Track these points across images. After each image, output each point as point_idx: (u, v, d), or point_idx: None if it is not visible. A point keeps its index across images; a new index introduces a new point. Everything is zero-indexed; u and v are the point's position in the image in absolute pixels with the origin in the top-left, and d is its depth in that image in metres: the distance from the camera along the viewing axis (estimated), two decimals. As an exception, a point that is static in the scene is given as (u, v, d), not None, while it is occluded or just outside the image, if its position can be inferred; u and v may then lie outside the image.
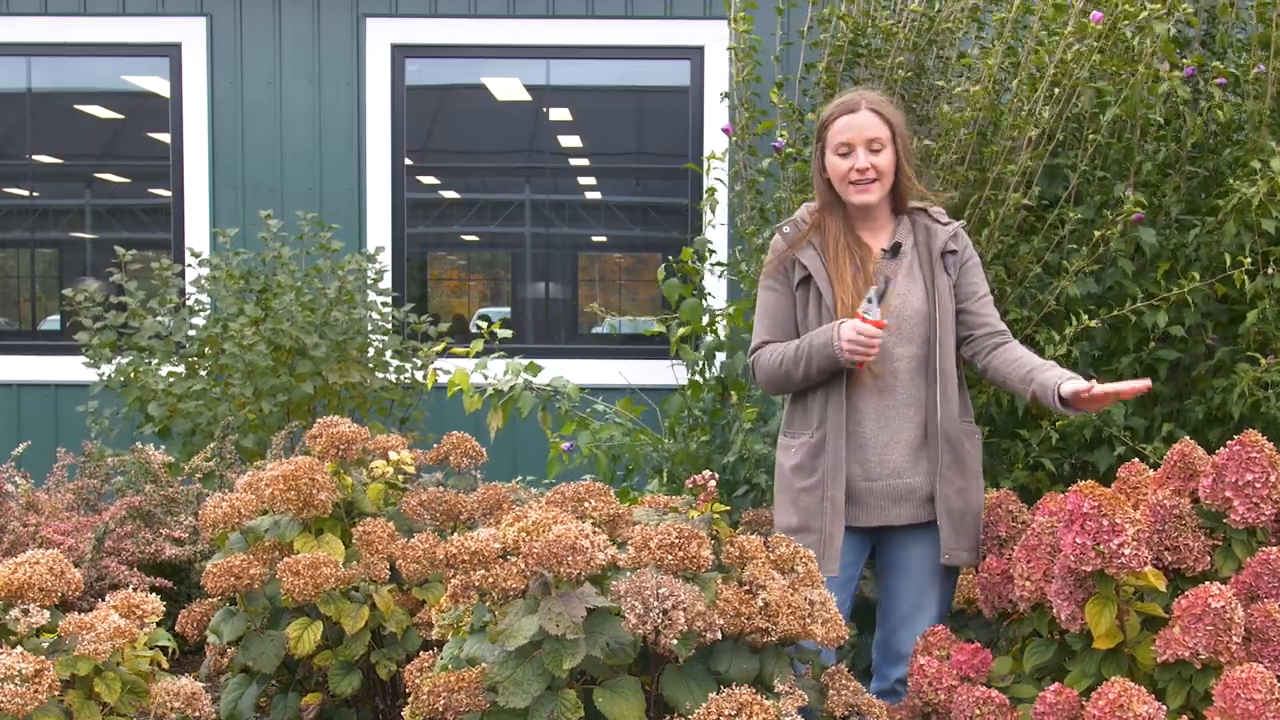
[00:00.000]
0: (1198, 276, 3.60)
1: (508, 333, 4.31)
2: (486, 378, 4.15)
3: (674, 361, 4.53)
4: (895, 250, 3.01)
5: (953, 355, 3.00)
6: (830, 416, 2.97)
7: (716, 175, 4.53)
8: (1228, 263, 3.56)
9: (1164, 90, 3.60)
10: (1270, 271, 3.58)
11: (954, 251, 3.02)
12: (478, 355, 4.20)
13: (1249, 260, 3.60)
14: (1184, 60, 3.71)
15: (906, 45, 3.95)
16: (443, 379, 4.47)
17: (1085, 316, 3.61)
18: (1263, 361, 3.54)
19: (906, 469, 2.97)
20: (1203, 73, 3.81)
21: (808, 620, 2.49)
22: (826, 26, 4.06)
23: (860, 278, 2.98)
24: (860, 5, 4.04)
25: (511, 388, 4.07)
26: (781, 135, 4.11)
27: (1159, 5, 3.54)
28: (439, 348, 4.90)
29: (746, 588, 2.54)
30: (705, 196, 4.43)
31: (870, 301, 2.88)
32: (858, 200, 2.98)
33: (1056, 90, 3.60)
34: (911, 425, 2.97)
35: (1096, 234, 3.64)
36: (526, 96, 6.36)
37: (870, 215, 3.04)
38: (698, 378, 4.31)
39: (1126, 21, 3.58)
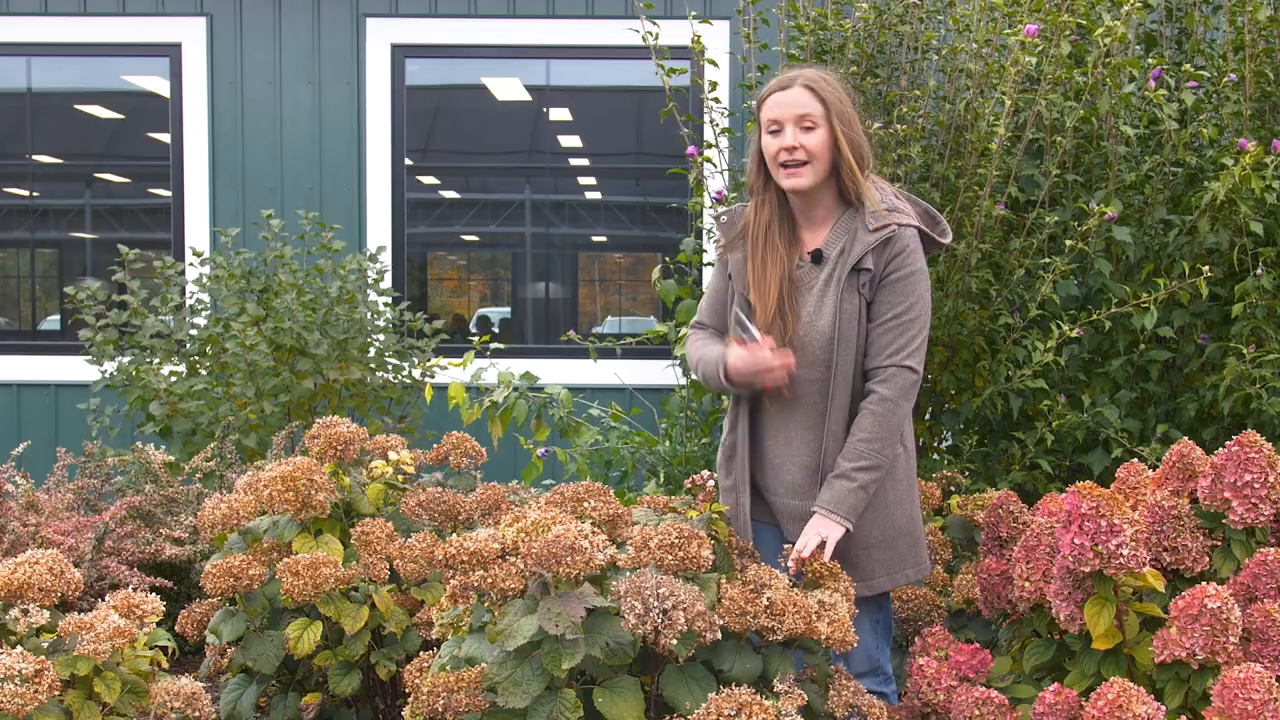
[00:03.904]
0: (1164, 279, 3.60)
1: (499, 345, 4.31)
2: (482, 389, 4.16)
3: (670, 362, 4.53)
4: (816, 258, 2.73)
5: (851, 383, 2.72)
6: (740, 424, 2.87)
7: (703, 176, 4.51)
8: (1204, 262, 3.57)
9: (1129, 93, 3.60)
10: (1259, 272, 3.59)
11: (868, 269, 2.68)
12: (473, 362, 4.20)
13: (1235, 259, 3.62)
14: (1149, 61, 3.71)
15: (862, 51, 3.92)
16: (442, 378, 4.47)
17: (1067, 321, 3.60)
18: (1245, 352, 3.53)
19: (803, 490, 2.80)
20: (1176, 74, 3.80)
21: (814, 619, 2.49)
22: (801, 28, 4.04)
23: (787, 284, 2.73)
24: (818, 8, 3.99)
25: (505, 397, 4.07)
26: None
27: (1119, 23, 3.53)
28: (435, 361, 4.88)
29: (751, 587, 2.54)
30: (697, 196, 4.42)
31: (742, 327, 2.70)
32: (788, 185, 2.70)
33: (1008, 102, 3.57)
34: (808, 449, 2.77)
35: (1069, 242, 3.62)
36: (526, 96, 6.36)
37: (810, 206, 2.76)
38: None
39: (1069, 34, 3.58)
